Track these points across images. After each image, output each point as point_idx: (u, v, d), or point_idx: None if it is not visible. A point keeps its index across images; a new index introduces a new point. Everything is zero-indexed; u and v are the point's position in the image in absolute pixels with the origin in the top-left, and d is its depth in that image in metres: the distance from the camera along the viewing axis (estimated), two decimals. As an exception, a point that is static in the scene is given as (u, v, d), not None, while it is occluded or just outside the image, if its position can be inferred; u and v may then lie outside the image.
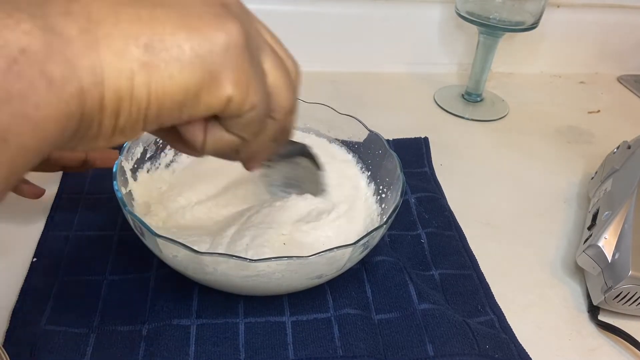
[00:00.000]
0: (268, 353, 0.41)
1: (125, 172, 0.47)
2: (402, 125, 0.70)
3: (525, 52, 0.87)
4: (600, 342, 0.46)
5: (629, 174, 0.53)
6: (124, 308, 0.43)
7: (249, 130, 0.27)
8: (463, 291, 0.48)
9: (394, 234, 0.53)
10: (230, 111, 0.26)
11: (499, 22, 0.70)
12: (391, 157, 0.50)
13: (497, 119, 0.76)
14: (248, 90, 0.25)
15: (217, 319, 0.43)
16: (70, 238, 0.49)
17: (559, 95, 0.84)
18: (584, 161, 0.68)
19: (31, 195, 0.51)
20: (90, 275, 0.46)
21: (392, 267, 0.48)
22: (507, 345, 0.44)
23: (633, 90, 0.87)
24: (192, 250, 0.37)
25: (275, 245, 0.44)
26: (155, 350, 0.41)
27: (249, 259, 0.37)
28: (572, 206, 0.61)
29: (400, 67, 0.85)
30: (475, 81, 0.77)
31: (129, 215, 0.40)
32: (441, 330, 0.43)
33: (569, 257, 0.54)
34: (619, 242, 0.47)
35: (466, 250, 0.52)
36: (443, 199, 0.58)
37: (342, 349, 0.42)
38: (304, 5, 0.79)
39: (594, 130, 0.75)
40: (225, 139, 0.27)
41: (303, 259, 0.38)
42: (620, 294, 0.45)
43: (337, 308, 0.45)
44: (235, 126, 0.27)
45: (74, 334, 0.41)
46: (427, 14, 0.82)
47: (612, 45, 0.89)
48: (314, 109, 0.55)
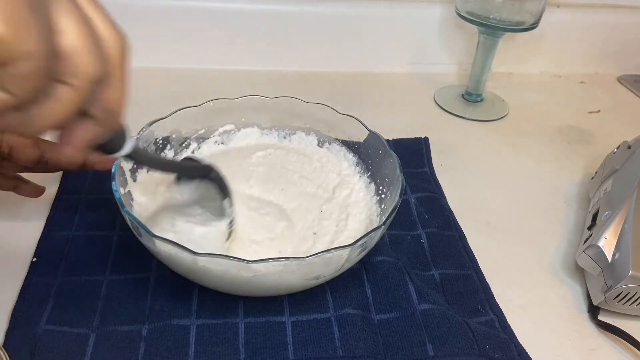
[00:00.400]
0: (268, 353, 0.41)
1: (124, 172, 0.47)
2: (402, 125, 0.70)
3: (525, 52, 0.87)
4: (600, 342, 0.46)
5: (629, 174, 0.53)
6: (124, 308, 0.43)
7: (22, 86, 0.22)
8: (463, 291, 0.48)
9: (394, 234, 0.53)
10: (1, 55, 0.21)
11: (499, 22, 0.70)
12: (391, 158, 0.50)
13: (497, 119, 0.76)
14: (21, 31, 0.21)
15: (217, 319, 0.43)
16: (70, 238, 0.49)
17: (559, 95, 0.84)
18: (584, 161, 0.68)
19: (31, 194, 0.51)
20: (90, 275, 0.46)
21: (392, 267, 0.48)
22: (507, 345, 0.44)
23: (633, 90, 0.87)
24: (188, 251, 0.37)
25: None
26: (155, 350, 0.41)
27: (246, 260, 0.37)
28: (572, 206, 0.61)
29: (400, 67, 0.85)
30: (475, 81, 0.77)
31: (127, 215, 0.40)
32: (441, 330, 0.43)
33: (569, 257, 0.54)
34: (619, 242, 0.47)
35: (466, 250, 0.52)
36: (443, 199, 0.58)
37: (342, 349, 0.42)
38: (304, 5, 0.79)
39: (594, 130, 0.75)
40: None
41: (301, 259, 0.38)
42: (620, 294, 0.45)
43: (337, 308, 0.45)
44: (4, 77, 0.22)
45: (74, 334, 0.41)
46: (427, 14, 0.82)
47: (612, 45, 0.89)
48: (314, 109, 0.55)
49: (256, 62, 0.80)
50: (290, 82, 0.78)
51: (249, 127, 0.57)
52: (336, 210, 0.50)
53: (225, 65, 0.79)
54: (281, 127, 0.57)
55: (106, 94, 0.26)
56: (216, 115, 0.55)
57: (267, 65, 0.81)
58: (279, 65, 0.81)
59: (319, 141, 0.57)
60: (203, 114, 0.54)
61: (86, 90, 0.25)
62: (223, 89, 0.59)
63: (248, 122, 0.57)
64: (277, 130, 0.57)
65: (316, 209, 0.50)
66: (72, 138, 0.27)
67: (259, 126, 0.57)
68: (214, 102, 0.54)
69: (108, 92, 0.26)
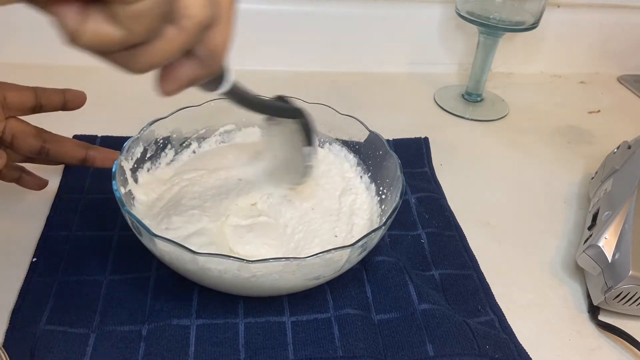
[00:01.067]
0: (268, 353, 0.41)
1: (124, 171, 0.47)
2: (402, 125, 0.70)
3: (525, 52, 0.87)
4: (600, 342, 0.46)
5: (629, 174, 0.53)
6: (124, 308, 0.43)
7: (139, 24, 0.23)
8: (463, 291, 0.48)
9: (394, 234, 0.53)
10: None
11: (499, 22, 0.70)
12: (391, 158, 0.50)
13: (497, 119, 0.76)
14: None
15: (217, 319, 0.43)
16: (70, 238, 0.49)
17: (559, 95, 0.84)
18: (584, 161, 0.68)
19: (34, 187, 0.51)
20: (90, 275, 0.46)
21: (392, 267, 0.48)
22: (507, 345, 0.44)
23: (633, 90, 0.87)
24: (188, 251, 0.37)
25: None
26: (155, 350, 0.41)
27: (246, 260, 0.37)
28: (572, 206, 0.61)
29: (400, 67, 0.85)
30: (475, 81, 0.77)
31: (127, 215, 0.40)
32: (441, 330, 0.43)
33: (569, 257, 0.54)
34: (619, 242, 0.47)
35: (466, 250, 0.52)
36: (443, 199, 0.58)
37: (342, 349, 0.42)
38: (304, 5, 0.79)
39: (594, 130, 0.75)
40: (107, 31, 0.23)
41: (301, 260, 0.38)
42: (620, 294, 0.45)
43: (337, 308, 0.45)
44: (123, 14, 0.23)
45: (74, 334, 0.41)
46: (427, 14, 0.82)
47: (612, 45, 0.89)
48: (314, 109, 0.55)
49: (256, 62, 0.80)
50: (290, 82, 0.78)
51: (249, 126, 0.57)
52: (344, 218, 0.50)
53: (225, 65, 0.79)
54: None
55: (212, 37, 0.27)
56: (217, 115, 0.55)
57: (267, 65, 0.81)
58: (279, 65, 0.81)
59: (319, 141, 0.56)
60: (204, 113, 0.54)
61: (194, 32, 0.26)
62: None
63: (248, 121, 0.57)
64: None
65: (328, 230, 0.49)
66: (174, 74, 0.28)
67: (259, 126, 0.57)
68: (214, 102, 0.54)
69: (214, 36, 0.27)
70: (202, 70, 0.28)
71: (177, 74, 0.28)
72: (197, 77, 0.29)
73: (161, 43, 0.25)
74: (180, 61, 0.28)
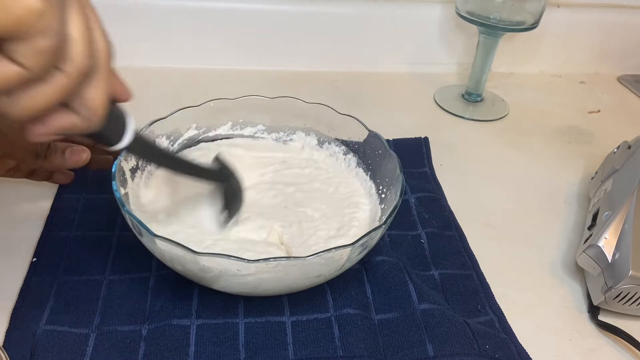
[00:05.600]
0: (268, 353, 0.41)
1: (124, 172, 0.47)
2: (402, 125, 0.70)
3: (525, 52, 0.87)
4: (600, 342, 0.46)
5: (629, 174, 0.53)
6: (124, 308, 0.43)
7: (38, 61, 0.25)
8: (463, 291, 0.48)
9: (394, 234, 0.53)
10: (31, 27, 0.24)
11: (499, 22, 0.70)
12: (391, 158, 0.50)
13: (497, 119, 0.76)
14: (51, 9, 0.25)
15: (217, 319, 0.43)
16: (70, 238, 0.49)
17: (559, 95, 0.84)
18: (584, 161, 0.68)
19: (65, 181, 0.52)
20: (90, 275, 0.46)
21: (392, 267, 0.48)
22: (507, 345, 0.44)
23: (633, 90, 0.87)
24: (189, 251, 0.37)
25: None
26: (155, 350, 0.41)
27: (246, 259, 0.37)
28: (572, 206, 0.61)
29: (400, 67, 0.85)
30: (475, 81, 0.77)
31: (127, 215, 0.40)
32: (441, 330, 0.43)
33: (569, 257, 0.54)
34: (619, 242, 0.47)
35: (466, 250, 0.52)
36: (443, 199, 0.58)
37: (342, 349, 0.42)
38: (304, 5, 0.79)
39: (594, 130, 0.75)
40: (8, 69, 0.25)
41: (302, 259, 0.38)
42: (620, 294, 0.45)
43: (337, 308, 0.45)
44: (22, 51, 0.25)
45: (74, 334, 0.41)
46: (427, 14, 0.82)
47: (612, 45, 0.89)
48: (314, 109, 0.55)
49: (256, 62, 0.80)
50: (290, 82, 0.78)
51: (248, 126, 0.57)
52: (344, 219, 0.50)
53: (225, 65, 0.79)
54: (281, 127, 0.57)
55: (89, 91, 0.29)
56: (216, 115, 0.55)
57: (267, 65, 0.81)
58: (279, 65, 0.81)
59: (318, 141, 0.57)
60: (203, 114, 0.54)
61: (76, 79, 0.28)
62: (223, 89, 0.59)
63: (248, 122, 0.57)
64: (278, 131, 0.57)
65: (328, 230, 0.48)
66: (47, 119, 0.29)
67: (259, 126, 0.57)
68: (214, 102, 0.54)
69: (90, 90, 0.29)
70: (77, 121, 0.30)
71: (50, 119, 0.29)
72: (69, 127, 0.30)
73: (45, 86, 0.27)
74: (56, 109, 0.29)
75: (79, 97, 0.29)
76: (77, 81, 0.28)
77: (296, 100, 0.55)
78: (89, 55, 0.28)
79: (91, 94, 0.29)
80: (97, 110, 0.30)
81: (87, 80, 0.29)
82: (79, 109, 0.29)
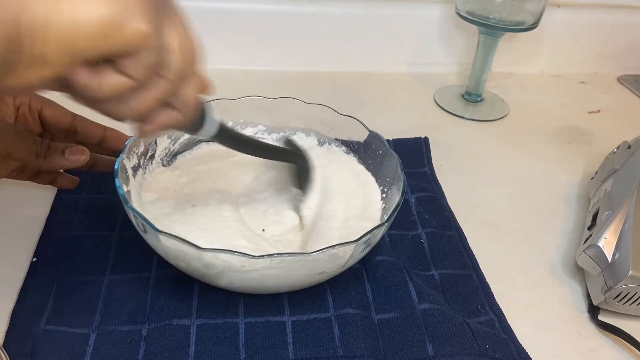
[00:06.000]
0: (268, 353, 0.41)
1: (126, 170, 0.47)
2: (402, 125, 0.70)
3: (525, 52, 0.87)
4: (600, 342, 0.46)
5: (629, 174, 0.53)
6: (124, 308, 0.43)
7: (144, 73, 0.29)
8: (463, 291, 0.48)
9: (394, 234, 0.53)
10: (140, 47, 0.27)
11: (499, 22, 0.70)
12: (391, 157, 0.50)
13: (497, 119, 0.76)
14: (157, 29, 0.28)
15: (217, 318, 0.43)
16: (70, 238, 0.49)
17: (559, 95, 0.84)
18: (584, 161, 0.68)
19: (69, 185, 0.52)
20: (90, 275, 0.46)
21: (392, 267, 0.48)
22: (507, 345, 0.44)
23: (633, 90, 0.87)
24: (193, 246, 0.37)
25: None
26: (155, 350, 0.41)
27: (251, 255, 0.37)
28: (572, 206, 0.61)
29: (400, 67, 0.85)
30: (475, 81, 0.78)
31: (131, 212, 0.40)
32: (441, 330, 0.43)
33: (569, 257, 0.54)
34: (619, 242, 0.47)
35: (466, 250, 0.52)
36: (443, 199, 0.58)
37: (342, 349, 0.42)
38: (304, 5, 0.79)
39: (594, 130, 0.75)
40: (119, 81, 0.28)
41: (306, 255, 0.38)
42: (620, 294, 0.45)
43: (337, 308, 0.45)
44: (131, 65, 0.28)
45: (74, 334, 0.41)
46: (427, 14, 0.82)
47: (612, 45, 0.89)
48: (314, 109, 0.55)
49: (256, 62, 0.80)
50: (290, 82, 0.78)
51: (249, 127, 0.57)
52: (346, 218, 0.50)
53: (225, 65, 0.79)
54: (281, 127, 0.57)
55: (185, 90, 0.32)
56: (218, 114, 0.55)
57: (267, 65, 0.81)
58: (279, 65, 0.81)
59: (319, 141, 0.57)
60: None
61: (175, 82, 0.31)
62: (223, 89, 0.59)
63: (248, 122, 0.57)
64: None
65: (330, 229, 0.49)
66: (155, 119, 0.32)
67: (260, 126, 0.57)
68: (214, 102, 0.54)
69: (186, 89, 0.32)
70: (178, 116, 0.33)
71: (157, 118, 0.32)
72: (173, 123, 0.33)
73: (150, 91, 0.30)
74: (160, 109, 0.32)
75: (177, 97, 0.32)
76: (176, 84, 0.31)
77: (296, 101, 0.55)
78: (185, 60, 0.31)
79: (187, 92, 0.33)
80: (192, 106, 0.34)
81: (183, 81, 0.32)
82: (177, 106, 0.33)
